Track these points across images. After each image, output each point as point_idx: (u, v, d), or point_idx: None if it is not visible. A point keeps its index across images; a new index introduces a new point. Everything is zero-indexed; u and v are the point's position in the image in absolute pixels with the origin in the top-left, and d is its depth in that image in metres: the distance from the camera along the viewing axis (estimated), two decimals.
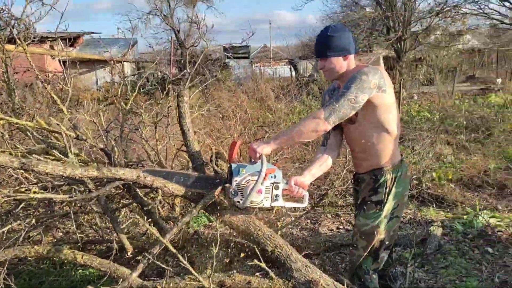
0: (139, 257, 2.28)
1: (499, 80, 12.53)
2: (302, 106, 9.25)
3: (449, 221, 4.07)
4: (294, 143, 2.21)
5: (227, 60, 14.76)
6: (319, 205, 4.54)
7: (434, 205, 4.61)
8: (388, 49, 16.48)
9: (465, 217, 4.06)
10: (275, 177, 2.01)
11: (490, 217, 4.05)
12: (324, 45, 2.09)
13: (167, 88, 3.08)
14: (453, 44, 17.90)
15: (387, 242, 2.21)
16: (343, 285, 2.02)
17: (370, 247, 2.17)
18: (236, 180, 1.97)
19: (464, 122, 7.54)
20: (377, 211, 2.15)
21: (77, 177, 1.82)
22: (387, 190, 2.14)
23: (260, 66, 20.25)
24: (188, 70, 2.85)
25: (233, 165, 2.00)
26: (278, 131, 6.53)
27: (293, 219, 3.62)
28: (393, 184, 2.15)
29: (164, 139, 3.21)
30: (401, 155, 2.22)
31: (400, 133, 2.19)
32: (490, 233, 3.73)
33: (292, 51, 23.24)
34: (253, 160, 2.01)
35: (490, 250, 3.46)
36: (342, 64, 2.09)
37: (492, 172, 5.21)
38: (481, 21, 16.78)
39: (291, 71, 16.93)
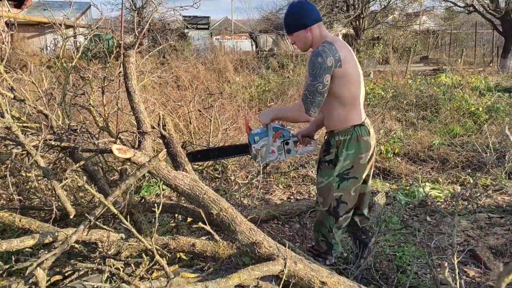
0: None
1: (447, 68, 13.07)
2: (260, 80, 9.24)
3: (393, 192, 4.26)
4: (286, 120, 2.56)
5: (186, 31, 14.39)
6: (270, 176, 4.63)
7: (381, 177, 4.81)
8: (347, 26, 16.71)
9: (408, 188, 4.27)
10: (283, 136, 2.48)
11: (431, 189, 4.28)
12: (287, 23, 2.36)
13: (115, 53, 2.96)
14: (410, 25, 18.41)
15: (347, 202, 2.41)
16: (285, 246, 2.08)
17: (328, 205, 2.40)
18: (254, 147, 2.46)
19: (414, 100, 7.83)
20: (329, 169, 2.37)
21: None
22: (337, 150, 2.34)
23: (221, 39, 19.92)
24: (137, 33, 2.76)
25: (249, 135, 2.48)
26: (234, 103, 6.52)
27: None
28: (343, 146, 2.33)
29: (113, 104, 3.10)
30: (363, 122, 2.36)
31: (354, 100, 2.32)
32: (429, 203, 3.95)
33: (253, 24, 22.98)
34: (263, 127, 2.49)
35: (428, 218, 3.67)
36: (306, 36, 2.31)
37: (436, 147, 5.48)
38: (437, 3, 17.32)
39: (251, 45, 16.79)
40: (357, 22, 15.72)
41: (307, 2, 2.33)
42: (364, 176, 2.46)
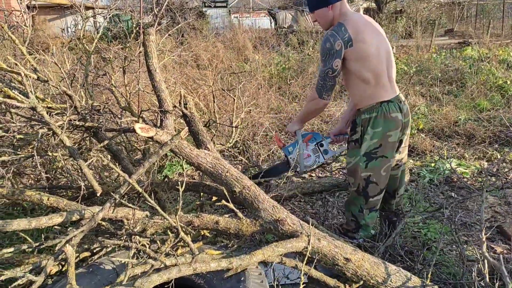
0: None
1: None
2: (280, 57, 9.12)
3: (417, 168, 4.19)
4: (310, 119, 2.72)
5: (204, 9, 14.26)
6: None
7: None
8: (368, 0, 16.23)
9: (432, 164, 4.19)
10: (314, 139, 2.59)
11: (456, 165, 4.19)
12: (308, 1, 2.34)
13: (134, 32, 2.95)
14: None
15: (377, 183, 2.35)
16: (309, 224, 2.08)
17: (357, 185, 2.38)
18: (291, 157, 2.61)
19: (439, 75, 7.60)
20: (356, 149, 2.35)
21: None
22: (363, 129, 2.30)
23: (240, 17, 19.66)
24: (156, 12, 2.73)
25: (284, 149, 2.62)
26: (254, 81, 6.47)
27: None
28: (368, 124, 2.28)
29: (135, 84, 3.11)
30: (392, 98, 2.29)
31: (379, 76, 2.26)
32: (455, 179, 3.87)
33: (272, 1, 22.58)
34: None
35: (453, 195, 3.60)
36: (328, 14, 2.28)
37: (462, 123, 5.34)
38: None
39: (270, 22, 16.53)
40: None
41: None
42: (396, 156, 2.40)
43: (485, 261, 1.94)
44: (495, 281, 2.07)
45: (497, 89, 6.90)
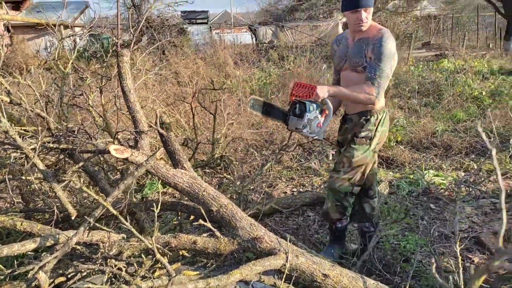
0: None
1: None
2: (261, 73, 9.20)
3: (397, 180, 4.25)
4: (346, 100, 2.56)
5: (185, 26, 14.33)
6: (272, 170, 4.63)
7: (384, 166, 4.79)
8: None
9: (411, 176, 4.25)
10: (326, 116, 2.51)
11: (434, 176, 4.26)
12: None
13: (110, 52, 2.95)
14: (411, 10, 18.22)
15: (365, 174, 2.59)
16: (286, 240, 2.08)
17: (353, 175, 2.54)
18: (307, 115, 2.39)
19: (417, 87, 7.76)
20: (366, 145, 2.51)
21: None
22: (375, 127, 2.50)
23: (221, 33, 19.82)
24: (132, 31, 2.74)
25: (307, 102, 2.38)
26: (235, 96, 6.51)
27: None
28: (379, 123, 2.51)
29: (113, 104, 3.10)
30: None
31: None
32: (433, 191, 3.93)
33: (253, 17, 22.86)
34: (311, 99, 2.37)
35: (432, 206, 3.66)
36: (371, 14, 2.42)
37: (439, 134, 5.44)
38: None
39: (252, 37, 16.69)
40: None
41: None
42: None
43: (460, 272, 1.97)
44: None
45: (473, 100, 7.08)
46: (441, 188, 4.01)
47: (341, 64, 2.64)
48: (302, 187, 4.29)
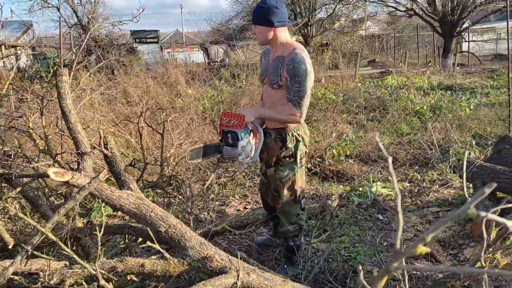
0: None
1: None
2: (213, 91, 9.21)
3: (347, 193, 4.36)
4: (272, 121, 2.63)
5: (135, 45, 14.15)
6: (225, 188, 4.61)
7: (335, 180, 4.90)
8: (296, 34, 17.05)
9: (360, 189, 4.38)
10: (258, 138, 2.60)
11: (382, 188, 4.42)
12: (255, 13, 2.50)
13: (52, 71, 2.85)
14: (356, 30, 19.08)
15: (302, 187, 2.72)
16: (237, 257, 2.07)
17: (294, 194, 2.66)
18: (241, 143, 2.46)
19: (363, 103, 8.08)
20: (291, 163, 2.61)
21: None
22: (294, 144, 2.58)
23: (172, 52, 19.72)
24: (74, 50, 2.67)
25: (238, 132, 2.45)
26: (187, 115, 6.45)
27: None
28: (298, 140, 2.59)
29: (53, 125, 2.98)
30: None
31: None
32: (381, 202, 4.06)
33: (204, 36, 22.98)
34: (238, 124, 2.46)
35: (380, 217, 3.77)
36: (268, 33, 2.48)
37: (385, 147, 5.67)
38: (379, 9, 18.07)
39: (204, 56, 16.75)
40: (306, 30, 16.12)
41: (282, 4, 2.49)
42: None
43: (406, 280, 2.03)
44: None
45: (415, 114, 7.47)
46: (389, 199, 4.16)
47: (262, 78, 2.74)
48: (255, 203, 4.30)
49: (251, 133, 2.56)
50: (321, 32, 16.58)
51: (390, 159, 0.57)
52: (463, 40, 19.17)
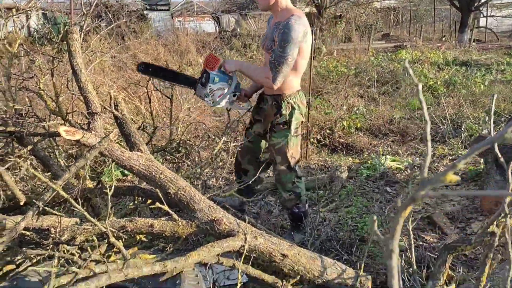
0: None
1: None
2: None
3: (355, 166, 4.34)
4: (250, 78, 2.67)
5: (145, 12, 13.95)
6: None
7: (344, 152, 4.88)
8: (309, 5, 16.67)
9: (369, 161, 4.36)
10: (236, 88, 2.58)
11: (391, 161, 4.39)
12: None
13: (62, 32, 2.81)
14: (371, 2, 18.58)
15: (296, 157, 2.69)
16: (245, 222, 2.08)
17: (287, 162, 2.64)
18: (210, 85, 2.47)
19: (376, 76, 7.95)
20: (285, 130, 2.59)
21: None
22: (289, 112, 2.56)
23: (183, 20, 19.43)
24: (85, 11, 2.63)
25: (211, 73, 2.47)
26: None
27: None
28: (294, 108, 2.57)
29: (65, 87, 2.96)
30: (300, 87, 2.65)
31: (304, 69, 2.59)
32: (390, 175, 4.05)
33: (216, 5, 22.58)
34: (221, 70, 2.52)
35: (388, 189, 3.77)
36: None
37: (396, 121, 5.60)
38: None
39: (215, 26, 16.48)
40: (319, 0, 15.72)
41: None
42: None
43: (412, 250, 2.04)
44: (422, 268, 2.18)
45: (428, 89, 7.34)
46: (397, 173, 4.14)
47: (262, 43, 2.70)
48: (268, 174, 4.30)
49: (232, 83, 2.54)
50: (335, 3, 16.18)
51: (420, 86, 0.54)
52: (481, 15, 18.59)
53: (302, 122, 2.67)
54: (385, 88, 7.54)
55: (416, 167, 4.21)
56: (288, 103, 2.56)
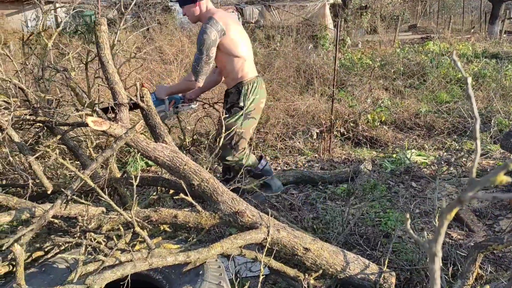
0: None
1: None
2: None
3: (380, 159, 4.28)
4: (181, 92, 3.04)
5: (170, 4, 14.01)
6: (257, 149, 4.61)
7: (368, 146, 4.82)
8: None
9: (394, 155, 4.29)
10: (175, 103, 3.04)
11: (417, 156, 4.30)
12: None
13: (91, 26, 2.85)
14: None
15: (246, 137, 2.96)
16: (268, 215, 2.08)
17: (231, 139, 2.91)
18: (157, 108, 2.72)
19: (402, 69, 7.78)
20: (238, 111, 2.87)
21: None
22: (246, 96, 2.85)
23: None
24: (122, 10, 2.65)
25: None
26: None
27: None
28: (250, 92, 2.86)
29: (96, 81, 3.02)
30: (258, 72, 2.99)
31: (249, 55, 2.90)
32: (415, 169, 3.97)
33: None
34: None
35: (414, 184, 3.70)
36: (194, 9, 2.77)
37: (422, 115, 5.48)
38: None
39: (238, 17, 16.43)
40: None
41: None
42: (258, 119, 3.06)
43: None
44: (448, 266, 2.14)
45: (457, 82, 7.13)
46: (423, 167, 4.06)
47: None
48: (286, 165, 4.29)
49: (166, 103, 2.99)
50: None
51: (469, 80, 0.52)
52: None
53: (261, 107, 2.96)
54: (411, 81, 7.37)
55: (443, 162, 4.12)
56: (246, 88, 2.84)
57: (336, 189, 3.59)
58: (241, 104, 2.86)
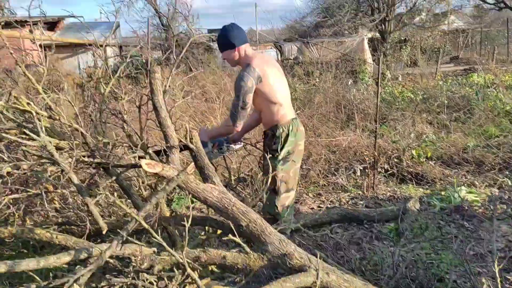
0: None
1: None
2: None
3: (427, 197, 4.15)
4: (221, 136, 3.07)
5: (211, 44, 14.59)
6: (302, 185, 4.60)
7: (414, 183, 4.69)
8: (373, 30, 16.51)
9: (442, 193, 4.14)
10: (218, 145, 3.05)
11: (467, 193, 4.14)
12: (218, 43, 2.89)
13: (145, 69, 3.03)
14: (438, 25, 18.01)
15: (287, 182, 2.90)
16: (317, 257, 2.06)
17: (274, 184, 2.83)
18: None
19: (446, 102, 7.61)
20: (276, 155, 2.85)
21: None
22: (282, 139, 2.83)
23: None
24: (175, 56, 2.81)
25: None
26: None
27: None
28: (287, 135, 2.84)
29: (147, 123, 3.17)
30: (296, 117, 2.96)
31: (285, 100, 2.89)
32: (466, 208, 3.81)
33: (278, 34, 23.07)
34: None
35: (466, 224, 3.54)
36: (234, 54, 2.82)
37: (471, 150, 5.30)
38: (465, 1, 16.91)
39: (277, 54, 16.80)
40: (383, 26, 15.51)
41: (236, 26, 2.84)
42: (300, 161, 3.05)
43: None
44: None
45: (505, 114, 6.88)
46: (475, 206, 3.89)
47: None
48: (330, 203, 4.25)
49: (209, 146, 3.00)
50: (399, 27, 15.88)
51: None
52: None
53: (299, 149, 2.94)
54: (457, 115, 7.17)
55: (498, 201, 3.94)
56: (282, 131, 2.83)
57: (382, 227, 3.50)
58: (275, 147, 2.86)
